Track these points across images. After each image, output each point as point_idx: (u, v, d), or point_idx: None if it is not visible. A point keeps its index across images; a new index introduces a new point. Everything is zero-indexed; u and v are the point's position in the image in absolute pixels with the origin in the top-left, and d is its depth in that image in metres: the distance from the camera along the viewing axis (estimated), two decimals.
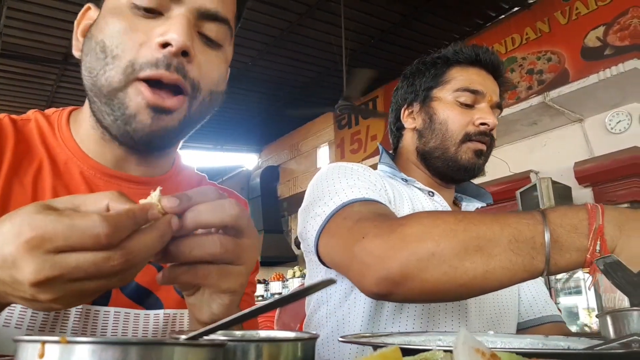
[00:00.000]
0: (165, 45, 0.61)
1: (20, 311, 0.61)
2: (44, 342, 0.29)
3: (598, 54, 4.70)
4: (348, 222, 0.83)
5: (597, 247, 0.65)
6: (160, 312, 0.72)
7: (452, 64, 1.14)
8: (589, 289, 0.76)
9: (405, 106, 1.18)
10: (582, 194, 5.14)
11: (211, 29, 0.67)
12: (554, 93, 4.90)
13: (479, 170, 1.10)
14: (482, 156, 1.09)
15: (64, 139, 0.72)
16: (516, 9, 5.60)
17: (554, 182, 4.91)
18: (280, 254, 8.14)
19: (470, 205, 1.20)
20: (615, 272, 0.59)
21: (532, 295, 1.17)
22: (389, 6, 5.55)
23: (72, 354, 0.29)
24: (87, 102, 0.72)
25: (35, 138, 0.71)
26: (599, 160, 4.99)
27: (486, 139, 1.08)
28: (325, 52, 6.27)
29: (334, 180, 0.96)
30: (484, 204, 1.21)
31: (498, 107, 1.13)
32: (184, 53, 0.62)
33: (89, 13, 0.71)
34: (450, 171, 1.09)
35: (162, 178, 0.76)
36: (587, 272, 0.69)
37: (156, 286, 0.72)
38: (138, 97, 0.62)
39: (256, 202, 9.07)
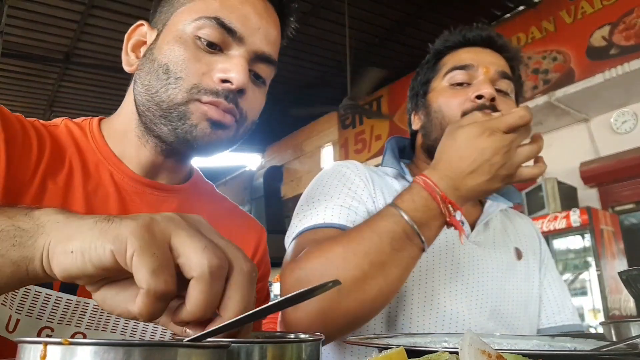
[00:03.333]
0: (225, 81, 0.69)
1: (44, 300, 0.64)
2: (46, 344, 0.29)
3: (603, 54, 4.68)
4: (293, 254, 0.88)
5: (451, 209, 0.77)
6: None
7: (443, 53, 1.10)
8: (462, 243, 0.91)
9: (414, 111, 1.15)
10: (588, 194, 5.11)
11: (261, 69, 0.76)
12: (559, 93, 4.88)
13: None
14: None
15: (97, 143, 0.77)
16: (521, 7, 5.58)
17: (559, 183, 4.89)
18: (283, 255, 8.14)
19: (495, 205, 1.11)
20: (636, 284, 0.59)
21: (557, 303, 1.13)
22: (394, 5, 5.54)
23: (74, 355, 0.29)
24: (122, 114, 0.79)
25: (66, 141, 0.75)
26: (605, 160, 4.97)
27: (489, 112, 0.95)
28: (329, 51, 6.27)
29: (316, 193, 0.98)
30: (511, 204, 1.14)
31: (504, 76, 1.03)
32: (241, 91, 0.70)
33: (141, 29, 0.77)
34: None
35: (184, 187, 0.83)
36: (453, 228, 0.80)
37: None
38: (198, 111, 0.70)
39: (259, 203, 9.06)
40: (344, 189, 0.97)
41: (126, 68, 0.77)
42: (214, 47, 0.70)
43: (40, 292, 0.65)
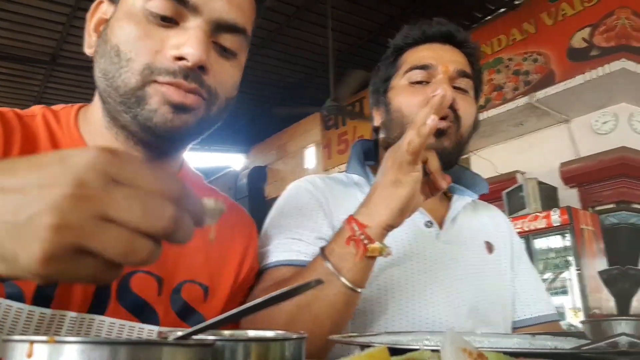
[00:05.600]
0: (180, 58, 0.61)
1: (15, 315, 0.60)
2: (32, 342, 0.30)
3: (584, 55, 4.75)
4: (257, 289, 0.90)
5: (355, 229, 0.78)
6: (155, 328, 0.69)
7: (403, 49, 1.09)
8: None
9: (374, 108, 1.14)
10: (568, 195, 5.19)
11: (227, 39, 0.67)
12: (540, 94, 4.94)
13: (445, 154, 0.97)
14: (446, 136, 0.97)
15: (73, 137, 0.71)
16: (502, 10, 5.64)
17: (540, 183, 4.96)
18: None
19: (461, 199, 1.10)
20: (616, 283, 0.60)
21: (531, 294, 1.12)
22: (376, 8, 5.57)
23: (61, 354, 0.29)
24: (97, 102, 0.72)
25: (42, 134, 0.70)
26: (585, 160, 5.04)
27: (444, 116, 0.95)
28: (313, 53, 6.27)
29: (276, 223, 1.02)
30: (475, 196, 1.11)
31: (463, 75, 1.02)
32: (202, 68, 0.62)
33: (102, 6, 0.70)
34: None
35: None
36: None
37: (155, 299, 0.70)
38: (157, 94, 0.62)
39: (243, 203, 8.99)
40: (297, 217, 0.99)
41: (87, 51, 0.70)
42: (167, 21, 0.63)
43: (10, 306, 0.60)
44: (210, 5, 0.63)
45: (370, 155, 1.16)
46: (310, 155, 8.20)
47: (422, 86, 1.01)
